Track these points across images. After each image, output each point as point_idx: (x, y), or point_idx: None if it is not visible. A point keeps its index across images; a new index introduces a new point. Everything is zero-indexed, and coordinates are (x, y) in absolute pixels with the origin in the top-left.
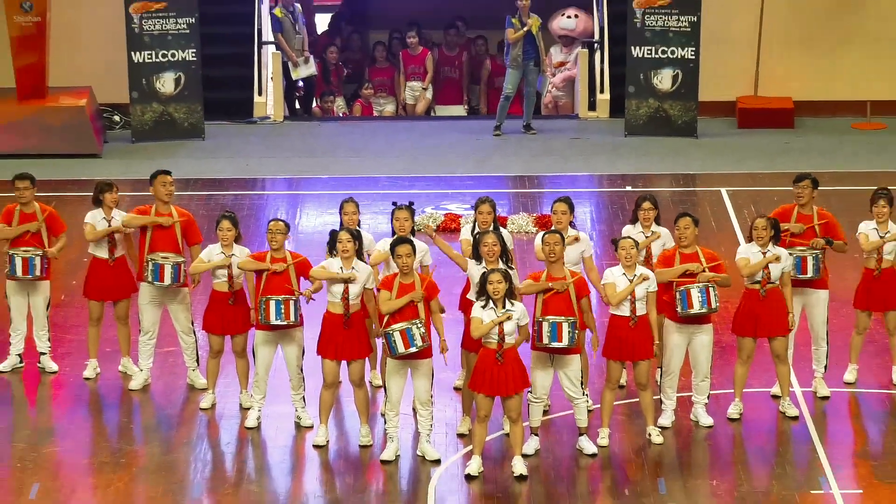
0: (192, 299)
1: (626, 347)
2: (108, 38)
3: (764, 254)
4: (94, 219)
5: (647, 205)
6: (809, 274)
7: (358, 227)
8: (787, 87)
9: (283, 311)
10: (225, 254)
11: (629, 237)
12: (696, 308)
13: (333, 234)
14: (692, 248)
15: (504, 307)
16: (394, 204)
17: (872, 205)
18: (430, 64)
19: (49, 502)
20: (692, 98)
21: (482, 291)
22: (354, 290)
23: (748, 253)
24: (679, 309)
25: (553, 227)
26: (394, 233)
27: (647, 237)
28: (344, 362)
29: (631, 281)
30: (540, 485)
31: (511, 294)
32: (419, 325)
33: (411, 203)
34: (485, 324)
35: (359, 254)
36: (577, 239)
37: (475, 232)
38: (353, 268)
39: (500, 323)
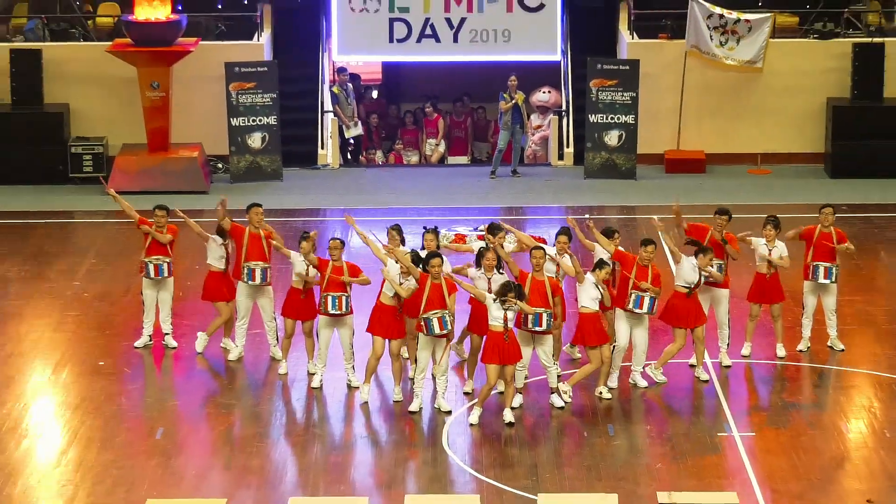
0: (273, 295)
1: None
2: (213, 108)
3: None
4: (216, 241)
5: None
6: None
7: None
8: (700, 144)
9: (337, 303)
10: (305, 261)
11: (609, 264)
12: (644, 310)
13: (416, 254)
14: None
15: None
16: (424, 228)
17: (763, 228)
18: (440, 126)
19: (171, 442)
20: (632, 151)
21: (500, 295)
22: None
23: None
24: (631, 306)
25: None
26: (422, 248)
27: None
28: (387, 340)
29: (602, 291)
30: (523, 429)
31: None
32: (448, 314)
33: (436, 227)
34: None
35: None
36: (552, 259)
37: (480, 247)
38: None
39: (506, 312)
